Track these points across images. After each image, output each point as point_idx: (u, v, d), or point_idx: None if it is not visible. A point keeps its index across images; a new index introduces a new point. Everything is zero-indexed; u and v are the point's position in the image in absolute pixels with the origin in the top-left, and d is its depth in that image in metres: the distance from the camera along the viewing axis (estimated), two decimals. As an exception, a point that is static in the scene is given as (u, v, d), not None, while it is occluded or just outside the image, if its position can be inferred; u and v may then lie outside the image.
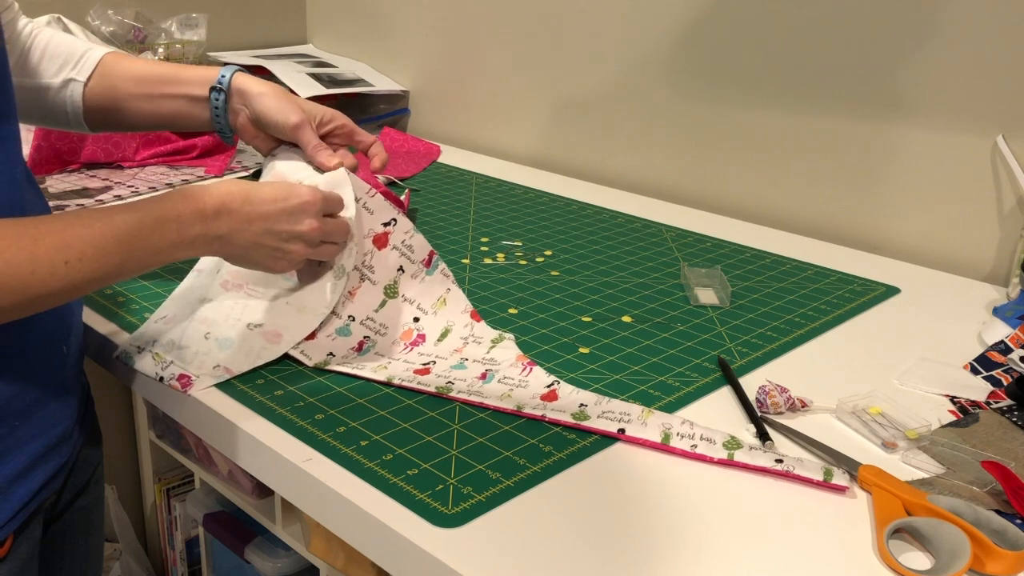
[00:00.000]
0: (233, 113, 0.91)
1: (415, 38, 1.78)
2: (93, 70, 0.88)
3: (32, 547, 0.73)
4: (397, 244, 0.88)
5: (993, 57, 1.08)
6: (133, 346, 0.84)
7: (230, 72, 0.90)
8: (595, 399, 0.76)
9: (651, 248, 1.18)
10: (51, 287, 0.63)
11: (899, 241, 1.20)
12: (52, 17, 1.45)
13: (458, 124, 1.74)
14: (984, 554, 0.60)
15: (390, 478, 0.68)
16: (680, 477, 0.69)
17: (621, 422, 0.72)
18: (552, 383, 0.78)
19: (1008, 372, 0.87)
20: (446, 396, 0.76)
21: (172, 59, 1.69)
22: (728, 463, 0.68)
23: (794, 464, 0.68)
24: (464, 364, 0.81)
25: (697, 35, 1.35)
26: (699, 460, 0.69)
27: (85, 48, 0.89)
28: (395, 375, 0.79)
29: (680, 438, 0.70)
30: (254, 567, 1.19)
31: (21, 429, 0.70)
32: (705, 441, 0.70)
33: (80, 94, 0.88)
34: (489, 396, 0.75)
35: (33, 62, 0.87)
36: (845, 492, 0.67)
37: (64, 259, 0.64)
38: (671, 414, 0.74)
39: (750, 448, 0.69)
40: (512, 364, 0.80)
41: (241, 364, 0.81)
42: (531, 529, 0.63)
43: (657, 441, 0.70)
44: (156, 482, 1.56)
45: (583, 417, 0.72)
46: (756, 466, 0.67)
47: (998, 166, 1.10)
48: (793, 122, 1.27)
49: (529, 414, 0.73)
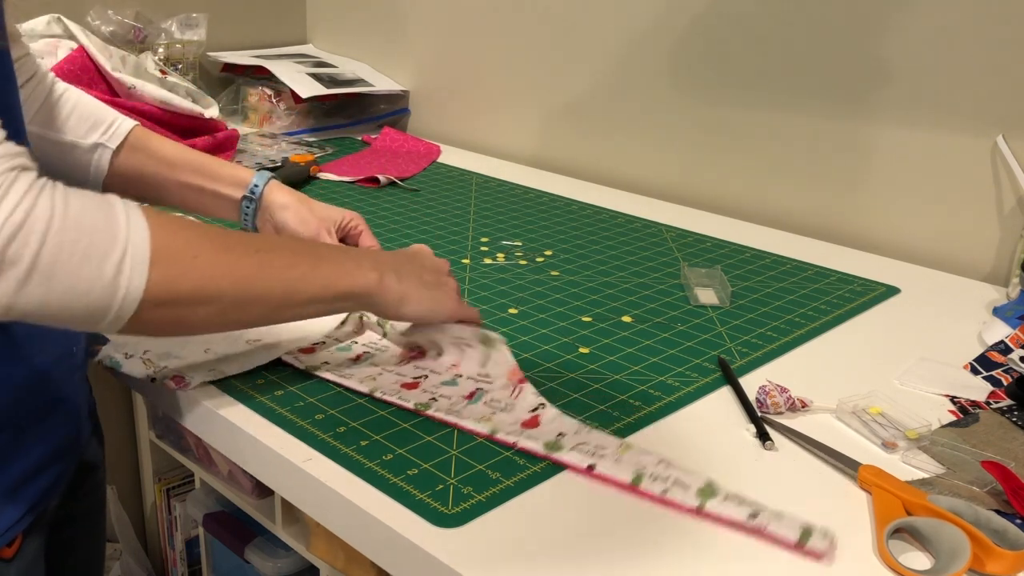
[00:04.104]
0: (260, 220, 0.94)
1: (415, 38, 1.78)
2: (123, 141, 0.89)
3: (39, 547, 0.74)
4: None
5: (993, 57, 1.08)
6: (119, 352, 0.84)
7: (263, 182, 0.92)
8: (576, 428, 0.73)
9: (651, 248, 1.18)
10: (246, 269, 0.65)
11: (899, 241, 1.20)
12: (52, 17, 1.45)
13: (458, 124, 1.74)
14: (984, 554, 0.60)
15: (390, 478, 0.68)
16: (680, 477, 0.69)
17: (594, 456, 0.68)
18: (537, 407, 0.76)
19: (1008, 372, 0.87)
20: (422, 413, 0.75)
21: (172, 59, 1.70)
22: (699, 512, 0.64)
23: (770, 520, 0.62)
24: (456, 381, 0.80)
25: (697, 35, 1.35)
26: (669, 506, 0.65)
27: (113, 115, 0.90)
28: (379, 387, 0.78)
29: (653, 480, 0.66)
30: (254, 567, 1.19)
31: (32, 430, 0.71)
32: (678, 486, 0.65)
33: (107, 161, 0.89)
34: (467, 418, 0.74)
35: (62, 117, 0.88)
36: (821, 559, 0.60)
37: (255, 247, 0.67)
38: (648, 452, 0.69)
39: (725, 497, 0.64)
40: (504, 385, 0.79)
41: (236, 367, 0.82)
42: (531, 529, 0.63)
43: (627, 482, 0.66)
44: (156, 482, 1.56)
45: (556, 448, 0.69)
46: (728, 519, 0.63)
47: (998, 166, 1.10)
48: (793, 122, 1.27)
49: (501, 440, 0.71)
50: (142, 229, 0.59)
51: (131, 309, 0.58)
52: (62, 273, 0.55)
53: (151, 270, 0.59)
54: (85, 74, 1.39)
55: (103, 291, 0.57)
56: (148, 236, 0.59)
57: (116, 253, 0.57)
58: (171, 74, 1.54)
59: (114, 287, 0.57)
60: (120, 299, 0.58)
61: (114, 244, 0.57)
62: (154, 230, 0.59)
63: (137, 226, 0.58)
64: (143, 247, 0.58)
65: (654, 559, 0.61)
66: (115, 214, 0.58)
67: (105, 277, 0.57)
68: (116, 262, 0.57)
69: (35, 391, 0.71)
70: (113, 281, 0.57)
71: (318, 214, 0.93)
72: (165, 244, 0.60)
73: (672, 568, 0.60)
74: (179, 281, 0.61)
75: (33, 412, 0.71)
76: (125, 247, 0.57)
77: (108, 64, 1.40)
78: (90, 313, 0.57)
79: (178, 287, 0.61)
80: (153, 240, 0.59)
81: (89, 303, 0.57)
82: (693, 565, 0.60)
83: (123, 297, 0.58)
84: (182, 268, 0.61)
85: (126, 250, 0.57)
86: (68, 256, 0.55)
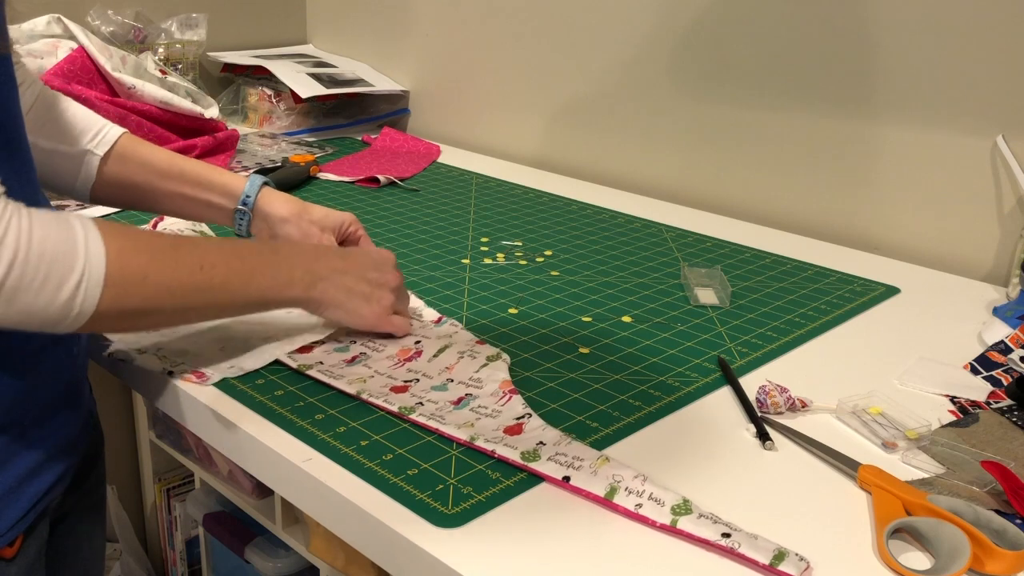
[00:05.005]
0: (256, 228, 0.94)
1: (415, 38, 1.78)
2: (111, 148, 0.89)
3: (40, 547, 0.74)
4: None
5: (993, 57, 1.08)
6: (132, 348, 0.84)
7: (255, 192, 0.93)
8: (556, 439, 0.72)
9: (651, 248, 1.18)
10: (188, 287, 0.71)
11: (899, 241, 1.20)
12: (52, 17, 1.45)
13: (458, 124, 1.74)
14: (984, 554, 0.60)
15: (390, 478, 0.68)
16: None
17: (570, 468, 0.68)
18: (523, 416, 0.75)
19: (1008, 372, 0.87)
20: (405, 418, 0.75)
21: (172, 59, 1.70)
22: (670, 529, 0.63)
23: (742, 540, 0.61)
24: (446, 386, 0.80)
25: (697, 35, 1.35)
26: (641, 522, 0.64)
27: (102, 123, 0.90)
28: (367, 389, 0.78)
29: (627, 494, 0.65)
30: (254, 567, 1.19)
31: (32, 430, 0.71)
32: (653, 502, 0.64)
33: (95, 168, 0.89)
34: (449, 423, 0.73)
35: (51, 124, 0.88)
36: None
37: (199, 264, 0.72)
38: (627, 466, 0.68)
39: (699, 516, 0.63)
40: (493, 392, 0.79)
41: (253, 363, 0.83)
42: (531, 529, 0.63)
43: (601, 495, 0.66)
44: (156, 482, 1.56)
45: (533, 458, 0.69)
46: (699, 538, 0.62)
47: (998, 166, 1.10)
48: (793, 122, 1.27)
49: (479, 447, 0.71)
50: (99, 255, 0.64)
51: (82, 322, 0.65)
52: (22, 297, 0.61)
53: (103, 291, 0.64)
54: (85, 74, 1.39)
55: (57, 311, 0.63)
56: (104, 261, 0.64)
57: (73, 279, 0.62)
58: (171, 74, 1.54)
59: (68, 308, 0.63)
60: (73, 316, 0.64)
61: (71, 271, 0.62)
62: (110, 255, 0.65)
63: (95, 252, 0.64)
64: (98, 272, 0.64)
65: (654, 559, 0.61)
66: (76, 242, 0.63)
67: (60, 300, 0.62)
68: (72, 287, 0.63)
69: (37, 392, 0.71)
70: (67, 303, 0.63)
71: (319, 224, 0.93)
72: (119, 268, 0.65)
73: (672, 568, 0.60)
74: (126, 300, 0.67)
75: (35, 412, 0.71)
76: (82, 273, 0.63)
77: (108, 64, 1.40)
78: (44, 325, 0.63)
79: (125, 305, 0.67)
80: (108, 265, 0.64)
81: (44, 319, 0.63)
82: (694, 565, 0.60)
83: (76, 314, 0.64)
84: (131, 289, 0.67)
85: (82, 276, 0.63)
86: (28, 283, 0.60)
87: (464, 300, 1.00)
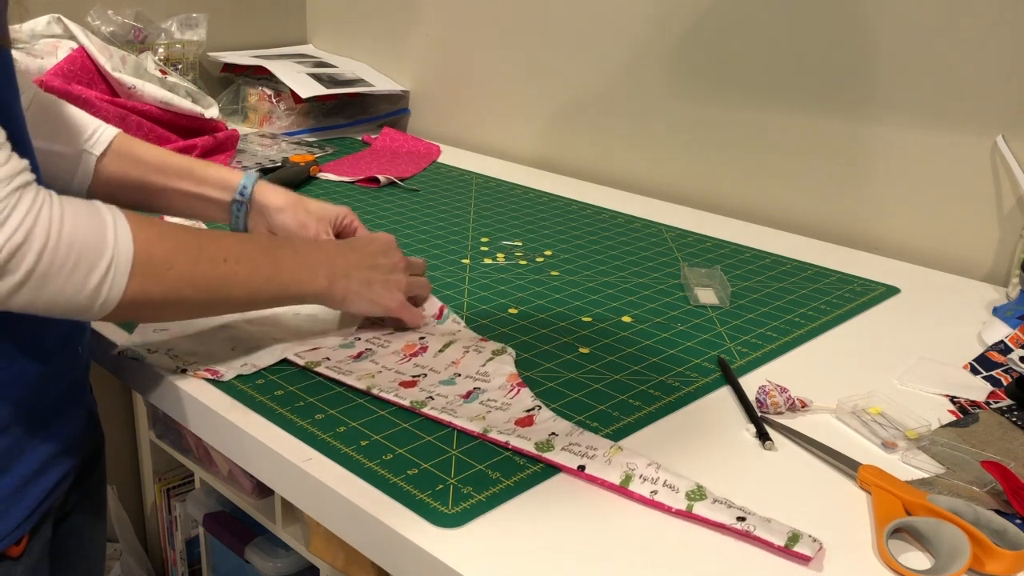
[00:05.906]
0: (253, 221, 0.95)
1: (415, 38, 1.78)
2: (107, 147, 0.90)
3: (44, 546, 0.74)
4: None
5: (993, 57, 1.08)
6: (141, 348, 0.85)
7: (251, 183, 0.93)
8: (568, 430, 0.73)
9: (651, 248, 1.18)
10: (212, 278, 0.73)
11: (899, 241, 1.20)
12: (52, 17, 1.45)
13: (458, 124, 1.74)
14: (984, 554, 0.60)
15: (390, 478, 0.68)
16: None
17: (584, 458, 0.69)
18: (533, 408, 0.76)
19: (1008, 372, 0.87)
20: (418, 411, 0.75)
21: (172, 59, 1.70)
22: (686, 515, 0.64)
23: (757, 524, 0.62)
24: (454, 380, 0.80)
25: (697, 35, 1.35)
26: (657, 508, 0.65)
27: (96, 123, 0.91)
28: (377, 384, 0.79)
29: (642, 481, 0.66)
30: (254, 567, 1.19)
31: (37, 431, 0.71)
32: (667, 488, 0.65)
33: (92, 168, 0.89)
34: (461, 416, 0.74)
35: (46, 125, 0.88)
36: (809, 563, 0.60)
37: (223, 256, 0.73)
38: (639, 454, 0.69)
39: (713, 501, 0.64)
40: (501, 385, 0.79)
41: (267, 359, 0.84)
42: (531, 529, 0.63)
43: (616, 483, 0.67)
44: (156, 482, 1.56)
45: (547, 448, 0.70)
46: (714, 522, 0.63)
47: (998, 166, 1.10)
48: (793, 122, 1.27)
49: (493, 439, 0.71)
50: (127, 243, 0.66)
51: (108, 310, 0.66)
52: (52, 284, 0.62)
53: (129, 280, 0.66)
54: (85, 74, 1.39)
55: (85, 298, 0.64)
56: (132, 250, 0.66)
57: (101, 267, 0.64)
58: (171, 74, 1.54)
59: (96, 295, 0.64)
60: (100, 303, 0.65)
61: (101, 259, 0.64)
62: (138, 244, 0.66)
63: (123, 240, 0.65)
64: (126, 261, 0.65)
65: (654, 559, 0.61)
66: (105, 230, 0.65)
67: (89, 287, 0.64)
68: (100, 275, 0.64)
69: (40, 393, 0.71)
70: (95, 290, 0.64)
71: (315, 215, 0.94)
72: (145, 257, 0.67)
73: (672, 568, 0.60)
74: (152, 290, 0.68)
75: (39, 413, 0.71)
76: (110, 262, 0.64)
77: (108, 64, 1.40)
78: (71, 312, 0.65)
79: (151, 295, 0.68)
80: (136, 254, 0.66)
81: (72, 305, 0.64)
82: (693, 565, 0.60)
83: (102, 302, 0.65)
84: (156, 279, 0.68)
85: (111, 264, 0.65)
86: (58, 270, 0.62)
87: (464, 300, 1.00)
